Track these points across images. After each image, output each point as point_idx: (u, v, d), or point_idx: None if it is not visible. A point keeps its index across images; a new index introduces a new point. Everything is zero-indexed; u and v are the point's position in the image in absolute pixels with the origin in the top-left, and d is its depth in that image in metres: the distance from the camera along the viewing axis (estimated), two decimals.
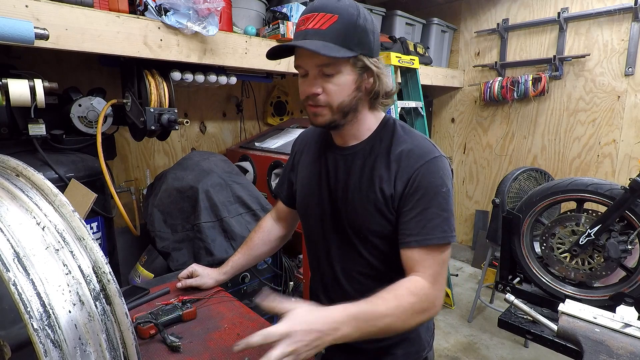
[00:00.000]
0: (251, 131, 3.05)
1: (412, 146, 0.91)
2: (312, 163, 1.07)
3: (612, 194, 1.46)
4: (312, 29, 0.83)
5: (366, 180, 0.93)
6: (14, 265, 0.52)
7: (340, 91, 0.87)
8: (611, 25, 2.75)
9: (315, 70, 0.86)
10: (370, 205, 0.92)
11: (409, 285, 0.82)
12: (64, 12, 1.32)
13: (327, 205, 1.01)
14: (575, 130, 3.03)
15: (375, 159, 0.94)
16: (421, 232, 0.85)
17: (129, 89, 1.77)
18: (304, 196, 1.08)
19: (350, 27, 0.83)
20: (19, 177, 0.65)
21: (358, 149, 0.97)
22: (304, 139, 1.16)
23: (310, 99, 0.88)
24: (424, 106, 2.90)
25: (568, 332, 1.04)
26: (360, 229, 0.95)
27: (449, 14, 3.64)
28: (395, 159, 0.91)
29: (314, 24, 0.83)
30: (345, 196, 0.96)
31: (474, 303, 2.85)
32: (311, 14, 0.84)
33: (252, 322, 1.11)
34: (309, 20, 0.84)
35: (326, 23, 0.82)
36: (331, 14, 0.82)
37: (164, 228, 1.81)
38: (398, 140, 0.94)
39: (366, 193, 0.92)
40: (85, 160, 1.59)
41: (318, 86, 0.87)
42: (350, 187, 0.95)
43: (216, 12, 1.64)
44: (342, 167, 0.98)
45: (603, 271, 1.51)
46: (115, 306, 0.57)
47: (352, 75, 0.87)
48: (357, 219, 0.94)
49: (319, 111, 0.89)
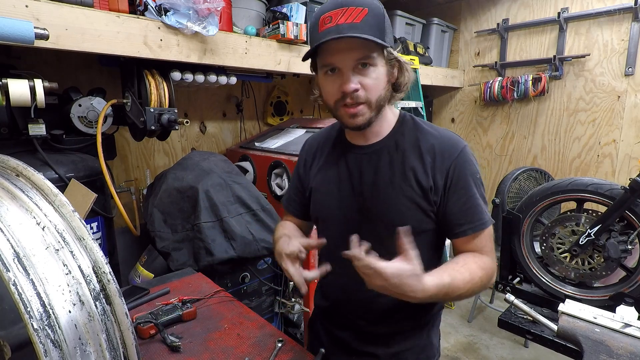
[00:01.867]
0: (251, 131, 3.05)
1: (441, 138, 0.92)
2: (328, 167, 1.02)
3: (612, 194, 1.46)
4: (345, 24, 0.80)
5: (399, 175, 0.91)
6: (14, 265, 0.52)
7: (378, 85, 0.85)
8: (611, 25, 2.75)
9: (351, 65, 0.83)
10: (406, 200, 0.90)
11: (477, 261, 0.87)
12: (64, 12, 1.32)
13: (353, 207, 0.96)
14: (575, 130, 3.03)
15: (404, 153, 0.92)
16: (473, 219, 0.88)
17: (129, 89, 1.77)
18: (322, 201, 1.02)
19: (380, 19, 0.82)
20: (19, 177, 0.65)
21: (382, 146, 0.94)
22: (311, 147, 1.11)
23: (347, 97, 0.84)
24: (424, 106, 2.90)
25: (568, 332, 1.04)
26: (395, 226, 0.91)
27: (449, 14, 3.64)
28: (428, 152, 0.90)
29: (346, 19, 0.80)
30: (375, 195, 0.93)
31: (474, 303, 2.85)
32: (339, 9, 0.81)
33: (252, 322, 1.11)
34: (338, 16, 0.81)
35: (359, 16, 0.80)
36: (361, 7, 0.81)
37: (164, 228, 1.81)
38: (424, 133, 0.93)
39: (400, 188, 0.90)
40: (85, 160, 1.59)
41: (356, 82, 0.83)
42: (381, 184, 0.92)
43: (216, 12, 1.64)
44: (367, 166, 0.95)
45: (603, 271, 1.51)
46: (115, 306, 0.57)
47: (385, 68, 0.86)
48: (392, 216, 0.91)
49: (359, 110, 0.85)
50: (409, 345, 1.02)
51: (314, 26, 0.86)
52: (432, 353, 1.06)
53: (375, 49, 0.82)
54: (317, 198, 1.04)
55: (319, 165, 1.04)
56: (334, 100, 0.87)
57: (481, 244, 0.90)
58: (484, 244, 0.90)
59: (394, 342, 1.01)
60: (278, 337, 1.03)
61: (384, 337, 1.01)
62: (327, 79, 0.87)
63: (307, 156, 1.10)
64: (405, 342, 1.01)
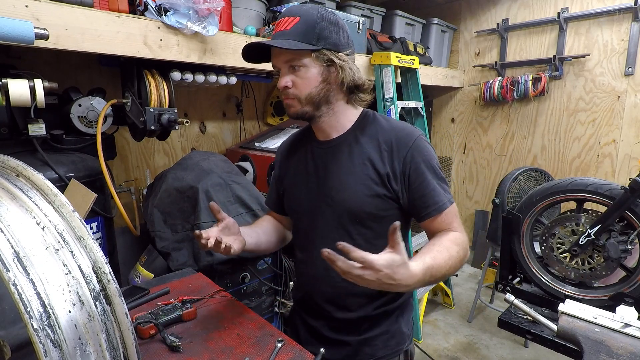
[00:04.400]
0: (251, 131, 3.05)
1: (397, 129, 1.02)
2: (297, 162, 1.13)
3: (612, 194, 1.46)
4: (279, 32, 0.95)
5: (358, 164, 1.00)
6: (14, 265, 0.52)
7: (307, 83, 0.96)
8: (611, 25, 2.75)
9: (285, 67, 0.97)
10: (365, 187, 0.99)
11: (450, 237, 0.94)
12: (64, 12, 1.32)
13: (319, 197, 1.05)
14: (575, 130, 3.03)
15: (362, 146, 1.02)
16: (435, 200, 0.97)
17: (129, 89, 1.77)
18: (293, 194, 1.13)
19: (310, 25, 0.93)
20: (19, 177, 0.65)
21: (342, 140, 1.05)
22: (286, 145, 1.22)
23: (283, 92, 0.98)
24: (424, 106, 2.89)
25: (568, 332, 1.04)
26: (355, 213, 1.00)
27: (449, 14, 3.64)
28: (385, 142, 1.00)
29: (281, 27, 0.95)
30: (337, 184, 1.02)
31: (474, 303, 2.85)
32: (280, 19, 0.96)
33: (252, 322, 1.11)
34: (278, 25, 0.96)
35: (290, 24, 0.94)
36: (294, 17, 0.94)
37: (164, 228, 1.81)
38: (382, 126, 1.03)
39: (359, 178, 0.99)
40: (85, 160, 1.59)
41: (287, 80, 0.96)
42: (342, 174, 1.02)
43: (216, 12, 1.64)
44: (330, 158, 1.05)
45: (603, 271, 1.51)
46: (115, 306, 0.57)
47: (317, 68, 0.96)
48: (352, 203, 1.00)
49: (290, 102, 0.99)
50: (378, 331, 1.08)
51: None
52: (401, 339, 1.11)
53: (302, 53, 0.94)
54: (289, 192, 1.15)
55: (292, 162, 1.15)
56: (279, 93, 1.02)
57: (448, 221, 0.98)
58: (450, 221, 0.98)
59: (364, 329, 1.07)
60: (278, 337, 1.03)
61: (354, 324, 1.07)
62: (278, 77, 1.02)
63: (283, 155, 1.21)
64: (375, 328, 1.07)
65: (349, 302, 1.06)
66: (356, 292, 1.04)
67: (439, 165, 1.01)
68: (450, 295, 3.02)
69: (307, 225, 1.09)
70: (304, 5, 0.98)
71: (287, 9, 0.98)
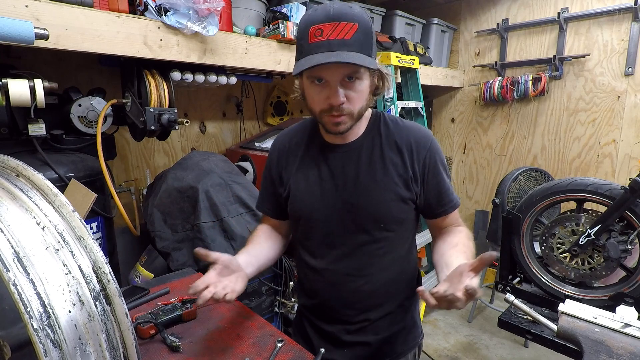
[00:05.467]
0: (251, 131, 3.05)
1: (414, 132, 1.02)
2: (307, 167, 1.04)
3: (612, 194, 1.46)
4: (336, 40, 0.82)
5: (380, 170, 0.98)
6: (14, 265, 0.52)
7: (361, 98, 0.90)
8: (611, 25, 2.75)
9: (338, 79, 0.86)
10: (390, 192, 0.97)
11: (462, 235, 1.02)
12: (64, 12, 1.32)
13: (337, 204, 0.99)
14: (575, 130, 3.02)
15: (382, 149, 0.99)
16: (450, 199, 1.03)
17: (129, 89, 1.77)
18: (303, 201, 1.04)
19: (368, 35, 0.85)
20: (19, 177, 0.65)
21: (359, 144, 1.00)
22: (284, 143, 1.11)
23: (334, 109, 0.88)
24: (424, 106, 2.90)
25: (568, 332, 1.04)
26: (380, 218, 0.99)
27: (449, 14, 3.64)
28: (405, 145, 0.99)
29: (337, 34, 0.82)
30: (360, 190, 0.98)
31: (474, 303, 2.85)
32: (331, 23, 0.82)
33: (252, 322, 1.11)
34: (329, 30, 0.82)
35: (349, 32, 0.82)
36: (352, 23, 0.82)
37: (164, 228, 1.81)
38: (398, 128, 1.02)
39: (382, 182, 0.97)
40: (85, 160, 1.59)
41: (343, 96, 0.87)
42: (363, 180, 0.98)
43: (216, 12, 1.64)
44: (349, 164, 0.99)
45: (603, 271, 1.51)
46: (115, 306, 0.57)
47: (369, 80, 0.91)
48: (377, 209, 0.98)
49: (342, 120, 0.90)
50: (397, 328, 1.09)
51: (303, 34, 0.87)
52: (417, 333, 1.14)
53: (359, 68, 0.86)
54: (297, 198, 1.05)
55: (296, 166, 1.06)
56: (319, 109, 0.91)
57: (455, 218, 1.07)
58: (457, 217, 1.07)
59: (383, 328, 1.07)
60: (278, 337, 1.03)
61: (374, 324, 1.06)
62: (313, 87, 0.90)
63: (280, 157, 1.10)
64: (393, 326, 1.08)
65: (371, 303, 1.05)
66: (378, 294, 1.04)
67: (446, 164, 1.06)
68: None
69: (323, 232, 1.03)
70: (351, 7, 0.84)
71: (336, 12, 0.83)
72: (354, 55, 0.82)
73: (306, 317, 1.16)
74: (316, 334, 1.12)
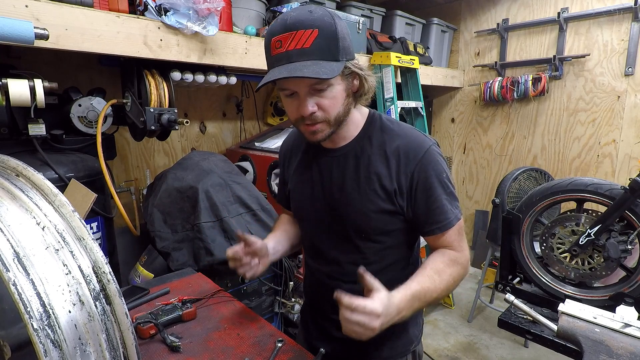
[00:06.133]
0: (251, 131, 3.05)
1: (407, 140, 0.93)
2: (302, 169, 1.06)
3: (612, 194, 1.46)
4: (294, 50, 0.79)
5: (364, 180, 0.93)
6: (14, 265, 0.52)
7: (335, 104, 0.86)
8: (611, 25, 2.75)
9: (305, 90, 0.83)
10: (371, 204, 0.93)
11: (445, 259, 0.92)
12: (64, 12, 1.32)
13: (325, 209, 1.00)
14: (575, 130, 3.03)
15: (369, 158, 0.94)
16: (439, 219, 0.92)
17: (129, 89, 1.77)
18: (298, 202, 1.08)
19: (332, 38, 0.80)
20: (19, 177, 0.65)
21: (349, 149, 0.97)
22: (288, 145, 1.14)
23: (305, 119, 0.85)
24: (424, 106, 2.90)
25: (568, 332, 1.04)
26: (361, 229, 0.96)
27: (449, 14, 3.64)
28: (393, 155, 0.92)
29: (295, 44, 0.79)
30: (343, 198, 0.96)
31: (474, 303, 2.85)
32: (288, 34, 0.79)
33: (252, 322, 1.11)
34: (288, 41, 0.79)
35: (308, 40, 0.79)
36: (310, 29, 0.78)
37: (164, 228, 1.81)
38: (391, 135, 0.95)
39: (365, 193, 0.93)
40: (85, 160, 1.59)
41: (312, 105, 0.84)
42: (347, 189, 0.95)
43: (216, 12, 1.64)
44: (336, 170, 0.97)
45: (603, 271, 1.51)
46: (115, 306, 0.57)
47: (342, 84, 0.86)
48: (358, 220, 0.95)
49: (317, 128, 0.87)
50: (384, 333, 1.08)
51: (266, 47, 0.85)
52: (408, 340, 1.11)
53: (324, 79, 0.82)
54: (294, 198, 1.09)
55: (295, 166, 1.08)
56: (294, 118, 0.89)
57: (450, 240, 0.94)
58: (452, 240, 0.94)
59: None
60: (278, 337, 1.03)
61: None
62: (286, 100, 0.88)
63: (285, 157, 1.14)
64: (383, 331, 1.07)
65: None
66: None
67: (449, 179, 0.94)
68: (450, 295, 3.02)
69: (312, 233, 1.06)
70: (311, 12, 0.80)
71: (293, 20, 0.79)
72: (312, 65, 0.78)
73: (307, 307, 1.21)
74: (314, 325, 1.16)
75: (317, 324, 1.15)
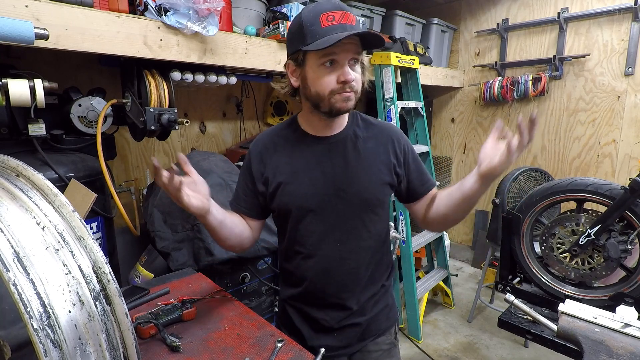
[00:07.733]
0: (251, 131, 3.05)
1: (386, 125, 1.18)
2: (295, 160, 1.08)
3: (612, 194, 1.46)
4: (348, 24, 0.94)
5: (364, 157, 1.08)
6: (14, 265, 0.52)
7: (360, 79, 1.01)
8: (611, 25, 2.75)
9: (348, 59, 0.96)
10: (377, 178, 1.08)
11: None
12: (64, 12, 1.32)
13: (328, 191, 1.06)
14: (575, 130, 3.03)
15: (364, 139, 1.10)
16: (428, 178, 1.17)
17: (129, 89, 1.77)
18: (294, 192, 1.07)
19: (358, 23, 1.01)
20: (19, 177, 0.65)
21: (343, 136, 1.10)
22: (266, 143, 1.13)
23: (347, 86, 0.96)
24: (423, 106, 2.89)
25: (568, 332, 1.04)
26: (368, 201, 1.08)
27: (449, 14, 3.64)
28: (382, 135, 1.13)
29: (347, 19, 0.94)
30: (349, 177, 1.06)
31: (474, 303, 2.85)
32: (340, 11, 0.94)
33: (252, 322, 1.11)
34: (340, 16, 0.94)
35: (354, 20, 0.96)
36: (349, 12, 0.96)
37: (164, 228, 1.81)
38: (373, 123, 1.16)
39: (369, 168, 1.08)
40: (85, 160, 1.59)
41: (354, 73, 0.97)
42: (351, 168, 1.07)
43: (216, 12, 1.64)
44: (335, 153, 1.08)
45: (603, 271, 1.51)
46: (115, 306, 0.57)
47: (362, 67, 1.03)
48: (364, 192, 1.07)
49: (350, 96, 0.98)
50: (382, 306, 1.19)
51: (313, 20, 0.95)
52: (395, 310, 1.26)
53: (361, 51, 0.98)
54: (287, 190, 1.08)
55: (284, 161, 1.09)
56: (329, 89, 0.97)
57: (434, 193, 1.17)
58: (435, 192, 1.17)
59: (369, 309, 1.16)
60: (278, 337, 1.03)
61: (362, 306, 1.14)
62: (323, 70, 0.97)
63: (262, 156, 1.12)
64: (376, 305, 1.17)
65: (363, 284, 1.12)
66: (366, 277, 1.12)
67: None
68: (450, 295, 3.02)
69: (315, 220, 1.07)
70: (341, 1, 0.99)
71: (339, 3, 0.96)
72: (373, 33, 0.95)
73: (293, 306, 1.17)
74: (304, 322, 1.15)
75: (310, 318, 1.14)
